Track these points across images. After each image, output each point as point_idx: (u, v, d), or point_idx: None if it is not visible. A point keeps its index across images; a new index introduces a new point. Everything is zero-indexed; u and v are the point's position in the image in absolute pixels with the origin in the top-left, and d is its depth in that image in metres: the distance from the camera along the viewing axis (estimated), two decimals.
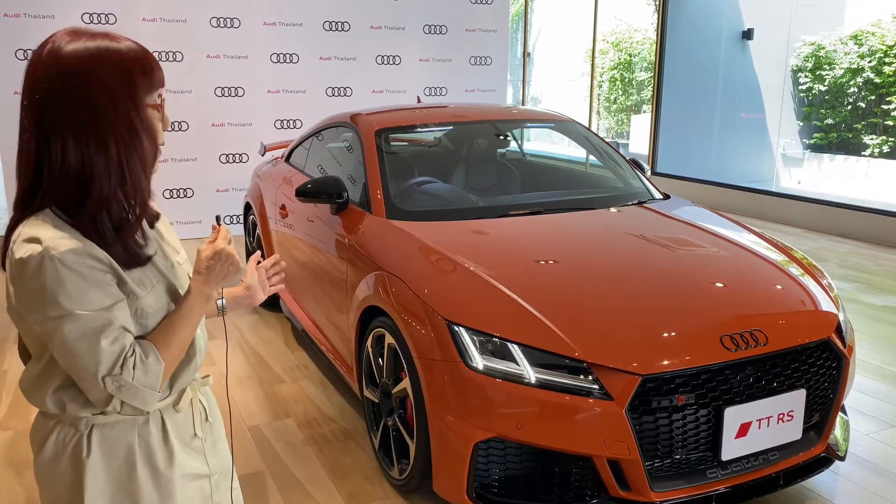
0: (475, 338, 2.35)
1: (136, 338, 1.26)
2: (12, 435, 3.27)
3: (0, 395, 3.67)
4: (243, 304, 1.62)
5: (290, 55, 7.32)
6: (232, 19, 7.00)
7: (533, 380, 2.24)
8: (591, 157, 4.34)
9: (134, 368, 1.21)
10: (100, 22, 6.50)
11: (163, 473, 1.33)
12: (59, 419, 1.30)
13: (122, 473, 1.31)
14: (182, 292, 1.36)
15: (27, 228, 1.20)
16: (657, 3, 10.01)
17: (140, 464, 1.31)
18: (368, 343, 2.91)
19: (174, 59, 6.80)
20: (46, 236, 1.18)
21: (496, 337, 2.33)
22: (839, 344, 2.57)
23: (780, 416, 2.38)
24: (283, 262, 1.71)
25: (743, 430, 2.32)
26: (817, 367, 2.51)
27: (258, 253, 1.69)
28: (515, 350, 2.29)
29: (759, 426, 2.34)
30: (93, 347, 1.18)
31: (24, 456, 3.08)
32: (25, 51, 6.28)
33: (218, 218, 1.39)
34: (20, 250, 1.18)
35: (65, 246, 1.17)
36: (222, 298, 1.56)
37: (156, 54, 6.81)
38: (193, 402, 1.42)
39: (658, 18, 9.84)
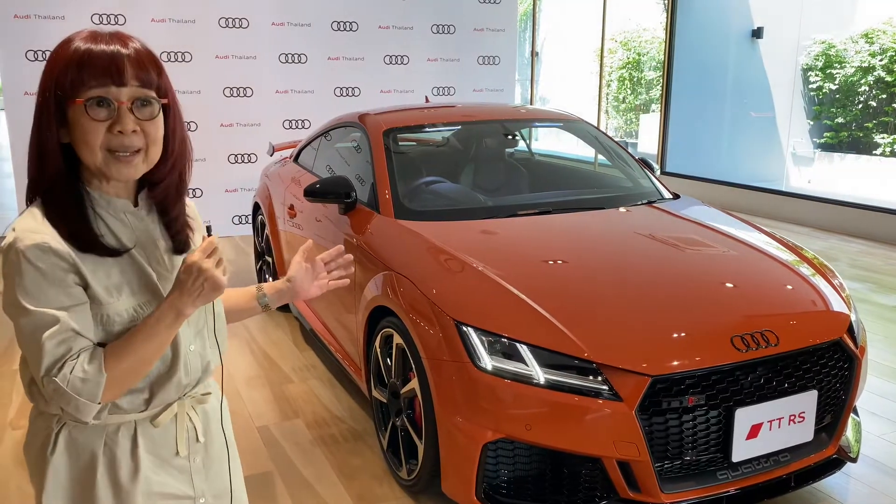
0: (483, 338, 2.34)
1: (99, 345, 1.22)
2: (22, 434, 3.27)
3: (10, 395, 3.69)
4: (286, 298, 1.55)
5: (299, 55, 7.33)
6: (240, 20, 7.02)
7: (542, 380, 2.23)
8: (600, 157, 4.32)
9: (71, 373, 1.16)
10: (109, 23, 6.53)
11: (123, 487, 1.28)
12: (41, 410, 1.30)
13: (83, 478, 1.28)
14: None
15: (18, 218, 1.22)
16: (666, 1, 9.97)
17: (101, 473, 1.27)
18: (377, 343, 2.90)
19: (183, 60, 6.82)
20: (20, 227, 1.19)
21: (505, 337, 2.32)
22: (851, 345, 2.55)
23: (792, 418, 2.36)
24: (350, 256, 1.59)
25: (754, 431, 2.30)
26: (829, 367, 2.49)
27: (309, 243, 1.58)
28: (524, 350, 2.28)
29: (770, 427, 2.33)
30: (39, 345, 1.16)
31: None
32: (35, 51, 6.31)
33: (209, 228, 1.30)
34: (5, 239, 1.21)
35: (31, 240, 1.16)
36: (265, 296, 1.54)
37: (164, 55, 6.89)
38: (179, 418, 1.34)
39: (667, 17, 9.80)
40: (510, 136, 4.34)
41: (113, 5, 6.53)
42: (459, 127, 4.30)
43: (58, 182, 1.22)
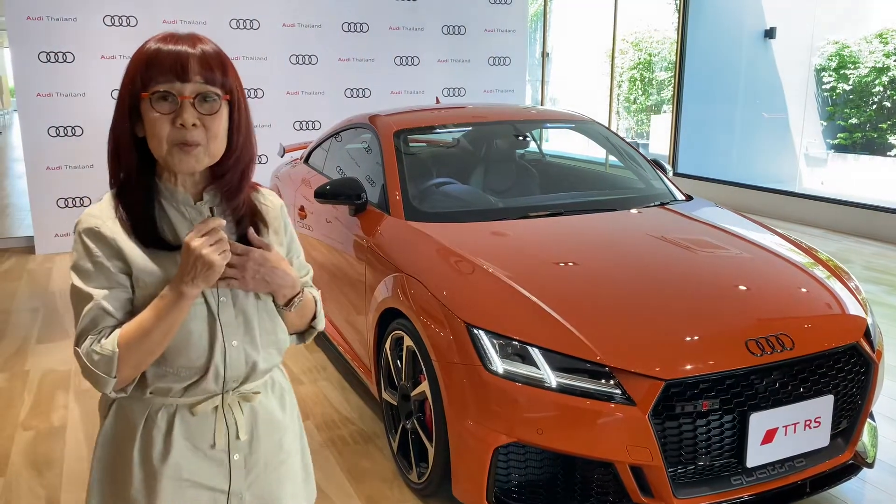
0: (495, 341, 2.32)
1: None
2: (34, 435, 3.29)
3: (22, 395, 3.70)
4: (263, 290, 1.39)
5: (309, 56, 7.33)
6: (251, 21, 7.03)
7: (554, 384, 2.21)
8: (612, 158, 4.29)
9: (90, 347, 1.24)
10: (121, 24, 6.55)
11: (153, 467, 1.32)
12: None
13: (122, 449, 1.34)
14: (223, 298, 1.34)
15: (96, 202, 1.35)
16: (678, 2, 9.92)
17: (136, 448, 1.33)
18: (387, 345, 2.89)
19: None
20: (87, 211, 1.32)
21: (516, 340, 2.30)
22: (868, 348, 2.52)
23: (807, 423, 2.33)
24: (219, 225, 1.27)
25: (769, 436, 2.27)
26: (845, 372, 2.45)
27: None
28: (536, 354, 2.26)
29: (785, 432, 2.29)
30: (76, 317, 1.28)
31: (46, 456, 3.10)
32: (48, 53, 6.34)
33: (211, 210, 1.33)
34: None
35: (87, 223, 1.29)
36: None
37: None
38: (219, 411, 1.36)
39: (679, 17, 9.75)
40: (521, 137, 4.32)
41: (125, 7, 6.56)
42: (470, 128, 4.28)
43: (132, 174, 1.31)
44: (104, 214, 1.30)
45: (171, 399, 1.33)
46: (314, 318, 1.53)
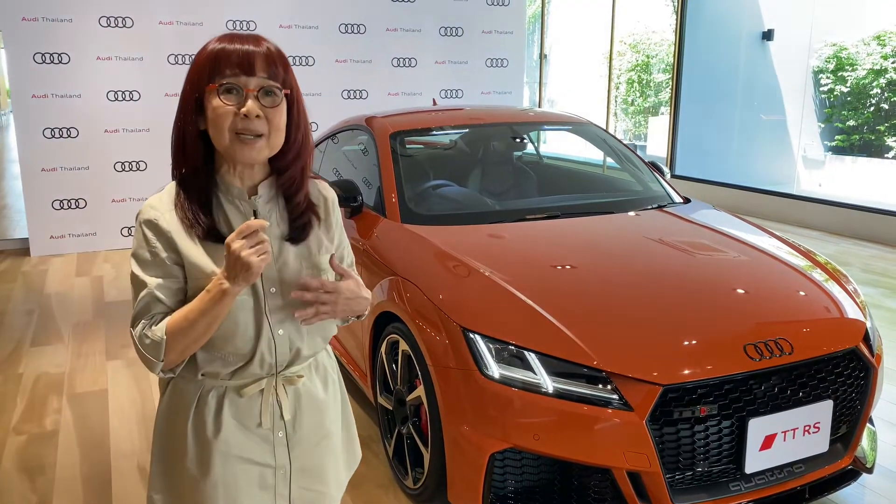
0: (491, 345, 2.30)
1: None
2: (26, 440, 3.26)
3: (15, 399, 3.67)
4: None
5: (306, 58, 7.31)
6: (248, 22, 7.01)
7: (550, 389, 2.18)
8: (609, 160, 4.27)
9: (142, 331, 1.34)
10: (116, 25, 6.52)
11: (205, 443, 1.41)
12: None
13: (177, 426, 1.43)
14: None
15: (157, 193, 1.42)
16: (676, 3, 9.91)
17: (189, 426, 1.41)
18: (382, 349, 2.87)
19: (190, 62, 6.81)
20: (148, 202, 1.40)
21: (512, 345, 2.28)
22: (867, 353, 2.50)
23: (806, 428, 2.31)
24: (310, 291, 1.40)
25: (767, 442, 2.25)
26: (844, 376, 2.43)
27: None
28: (532, 358, 2.24)
29: (784, 438, 2.27)
30: (134, 300, 1.36)
31: (38, 461, 3.07)
32: (43, 54, 6.31)
33: (255, 213, 1.40)
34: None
35: (146, 214, 1.37)
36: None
37: (172, 57, 6.85)
38: (265, 393, 1.44)
39: (677, 19, 9.74)
40: (518, 140, 4.30)
41: (121, 7, 6.53)
42: (467, 130, 4.26)
43: (198, 165, 1.37)
44: (163, 206, 1.37)
45: (221, 381, 1.42)
46: None
